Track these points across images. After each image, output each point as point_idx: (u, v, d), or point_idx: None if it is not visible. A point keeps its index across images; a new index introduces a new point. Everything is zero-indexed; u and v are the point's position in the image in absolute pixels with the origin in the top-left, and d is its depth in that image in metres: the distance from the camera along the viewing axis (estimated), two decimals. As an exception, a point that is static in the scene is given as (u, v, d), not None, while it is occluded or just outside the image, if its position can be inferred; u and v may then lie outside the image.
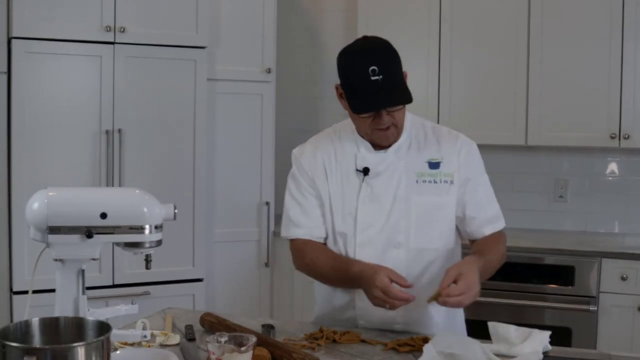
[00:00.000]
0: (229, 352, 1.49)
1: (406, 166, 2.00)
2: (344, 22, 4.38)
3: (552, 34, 3.69)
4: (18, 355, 1.27)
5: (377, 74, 1.83)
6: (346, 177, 2.03)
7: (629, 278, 3.36)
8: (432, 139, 2.04)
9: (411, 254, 1.99)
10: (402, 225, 1.98)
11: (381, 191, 1.99)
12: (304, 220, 2.07)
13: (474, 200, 2.02)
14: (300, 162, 2.10)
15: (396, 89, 1.87)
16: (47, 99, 3.31)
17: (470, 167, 2.04)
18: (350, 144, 2.04)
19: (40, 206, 1.59)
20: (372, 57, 1.85)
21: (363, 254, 1.98)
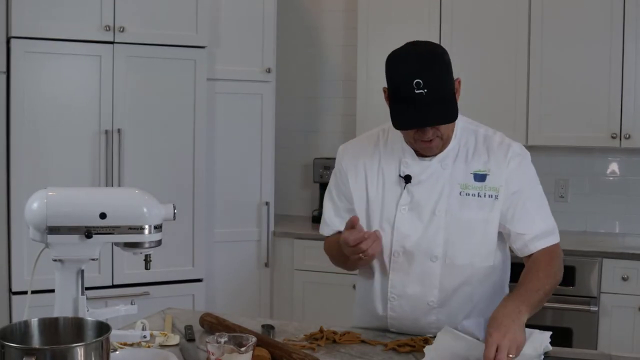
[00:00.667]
0: (229, 352, 1.49)
1: (451, 176, 1.91)
2: (344, 22, 4.38)
3: (553, 33, 3.69)
4: (17, 356, 1.26)
5: (421, 87, 1.74)
6: (388, 182, 1.96)
7: (630, 278, 3.36)
8: (482, 148, 1.94)
9: (447, 268, 1.92)
10: (440, 238, 1.91)
11: (422, 201, 1.91)
12: (336, 220, 2.05)
13: (520, 215, 1.91)
14: (340, 162, 2.04)
15: (440, 105, 1.77)
16: (46, 99, 3.30)
17: (519, 180, 1.93)
18: (396, 148, 1.97)
19: (40, 206, 1.59)
20: (418, 68, 1.76)
21: (397, 263, 1.94)
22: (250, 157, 3.83)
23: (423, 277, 1.91)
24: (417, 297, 1.93)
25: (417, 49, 1.84)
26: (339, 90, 4.43)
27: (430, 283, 1.91)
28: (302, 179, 4.52)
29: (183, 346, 1.83)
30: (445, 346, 1.70)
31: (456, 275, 1.92)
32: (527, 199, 1.93)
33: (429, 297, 1.93)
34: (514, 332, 1.63)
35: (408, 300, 1.94)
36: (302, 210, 4.49)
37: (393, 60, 1.84)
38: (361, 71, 4.02)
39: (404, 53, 1.84)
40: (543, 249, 1.94)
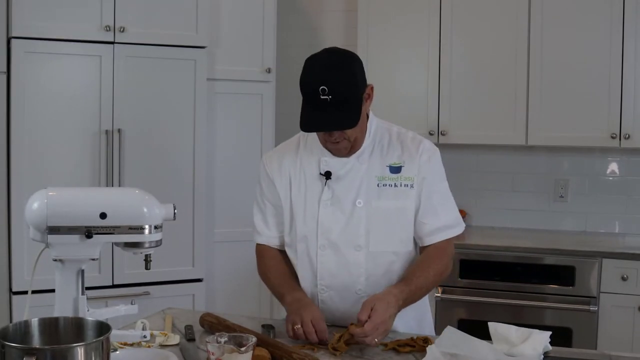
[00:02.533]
0: (229, 352, 1.49)
1: (368, 170, 2.03)
2: (344, 22, 4.38)
3: (553, 33, 3.69)
4: (18, 356, 1.26)
5: (326, 94, 1.83)
6: (310, 181, 2.06)
7: (630, 278, 3.36)
8: (396, 143, 2.06)
9: (371, 256, 2.02)
10: (362, 229, 2.01)
11: (342, 195, 2.02)
12: (264, 228, 2.15)
13: (427, 206, 2.03)
14: (265, 170, 2.15)
15: (343, 111, 1.86)
16: (46, 99, 3.30)
17: (428, 173, 2.04)
18: (315, 148, 2.07)
19: (40, 206, 1.59)
20: (324, 76, 1.85)
21: (324, 256, 2.03)
22: (250, 157, 3.83)
23: (349, 266, 2.02)
24: (345, 286, 2.03)
25: (329, 57, 1.92)
26: (339, 90, 4.42)
27: (357, 272, 2.02)
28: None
29: (183, 346, 1.83)
30: (448, 345, 1.71)
31: (380, 263, 2.03)
32: (434, 192, 2.05)
33: (357, 285, 2.03)
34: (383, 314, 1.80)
35: (337, 290, 2.04)
36: (302, 210, 4.48)
37: (305, 66, 1.92)
38: (361, 71, 4.01)
39: (315, 60, 1.92)
40: (437, 245, 2.05)
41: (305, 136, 2.13)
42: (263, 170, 2.16)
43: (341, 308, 2.04)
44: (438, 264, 2.02)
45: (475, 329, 1.92)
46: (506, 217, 4.11)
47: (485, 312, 3.47)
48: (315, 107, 1.86)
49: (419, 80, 3.94)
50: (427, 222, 2.03)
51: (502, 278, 3.54)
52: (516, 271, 3.52)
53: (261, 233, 2.16)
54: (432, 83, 3.91)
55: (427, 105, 3.91)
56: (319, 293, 2.05)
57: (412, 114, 3.90)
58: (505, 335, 1.79)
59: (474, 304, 3.54)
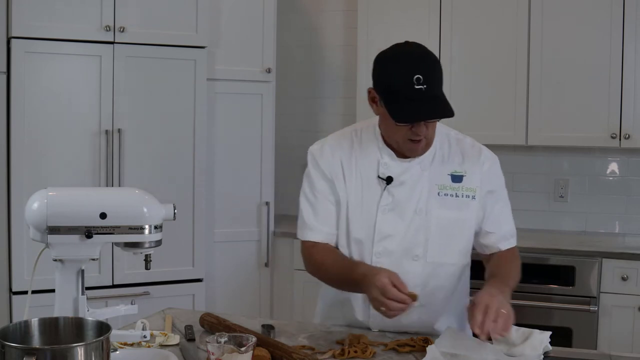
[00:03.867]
0: (229, 352, 1.49)
1: (429, 178, 1.95)
2: (344, 22, 4.38)
3: (552, 33, 3.69)
4: (18, 356, 1.26)
5: (421, 83, 1.76)
6: (366, 183, 1.96)
7: (630, 278, 3.36)
8: (456, 150, 1.99)
9: (428, 267, 1.95)
10: (421, 238, 1.94)
11: (402, 201, 1.94)
12: (317, 223, 2.01)
13: (493, 215, 1.99)
14: (317, 162, 2.03)
15: (440, 100, 1.80)
16: (46, 99, 3.30)
17: (492, 182, 2.00)
18: (372, 149, 1.97)
19: (40, 206, 1.59)
20: (418, 64, 1.78)
21: (379, 264, 1.93)
22: (250, 157, 3.83)
23: (405, 276, 1.90)
24: None
25: (414, 48, 1.86)
26: (339, 90, 4.43)
27: (413, 282, 1.92)
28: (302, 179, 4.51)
29: (183, 346, 1.83)
30: (448, 345, 1.71)
31: (437, 274, 1.97)
32: (497, 201, 2.01)
33: None
34: (500, 299, 1.73)
35: None
36: (302, 210, 4.48)
37: (391, 59, 1.85)
38: (361, 71, 4.01)
39: (399, 52, 1.85)
40: (509, 250, 2.03)
41: (359, 134, 2.02)
42: (313, 161, 2.03)
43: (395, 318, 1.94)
44: (513, 262, 1.99)
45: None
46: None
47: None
48: (410, 99, 1.77)
49: (419, 80, 3.94)
50: (492, 230, 1.99)
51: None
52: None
53: (313, 229, 2.01)
54: (432, 83, 3.90)
55: (427, 105, 3.91)
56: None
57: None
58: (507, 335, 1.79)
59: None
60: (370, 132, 2.00)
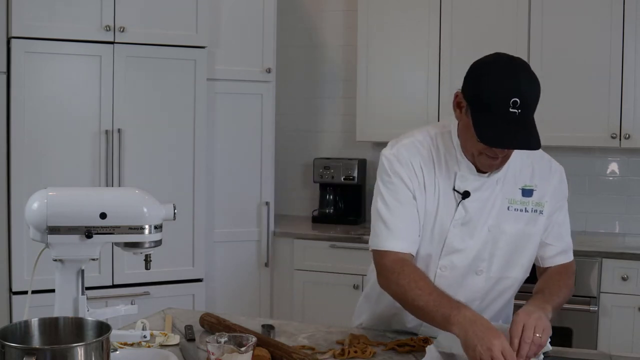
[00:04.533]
0: (229, 352, 1.49)
1: (501, 193, 1.88)
2: (344, 22, 4.38)
3: (552, 33, 3.69)
4: (18, 356, 1.26)
5: (517, 107, 1.64)
6: (443, 194, 1.86)
7: (630, 278, 3.36)
8: (527, 163, 1.91)
9: (490, 281, 1.92)
10: (486, 253, 1.89)
11: (475, 216, 1.86)
12: (404, 231, 1.85)
13: (555, 227, 1.94)
14: (396, 167, 1.87)
15: (530, 130, 1.68)
16: (46, 99, 3.30)
17: (560, 196, 1.95)
18: (450, 158, 1.86)
19: (40, 206, 1.59)
20: (520, 87, 1.66)
21: (442, 277, 1.88)
22: (250, 157, 3.83)
23: (466, 289, 1.89)
24: None
25: (516, 66, 1.72)
26: (339, 90, 4.43)
27: (472, 295, 1.89)
28: (302, 179, 4.52)
29: (183, 346, 1.83)
30: (447, 345, 1.70)
31: (497, 288, 1.94)
32: (561, 214, 1.97)
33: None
34: (539, 315, 1.65)
35: None
36: (302, 210, 4.49)
37: (488, 71, 1.72)
38: (361, 71, 4.02)
39: (502, 66, 1.71)
40: (565, 265, 1.98)
41: (435, 141, 1.89)
42: (392, 168, 1.87)
43: None
44: (566, 279, 1.93)
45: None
46: (506, 217, 4.10)
47: (485, 312, 3.47)
48: (499, 119, 1.66)
49: (419, 80, 3.94)
50: (553, 243, 1.94)
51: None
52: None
53: (399, 237, 1.84)
54: (432, 83, 3.90)
55: (427, 105, 3.91)
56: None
57: (412, 113, 3.89)
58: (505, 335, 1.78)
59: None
60: (447, 139, 1.88)
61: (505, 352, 1.56)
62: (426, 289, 1.75)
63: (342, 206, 4.27)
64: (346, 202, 4.26)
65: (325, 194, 4.29)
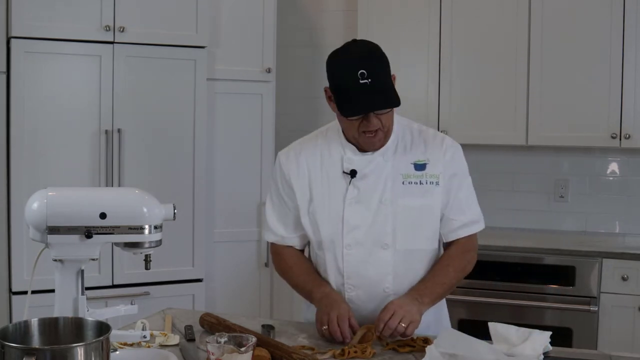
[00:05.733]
0: (229, 352, 1.49)
1: (392, 168, 2.01)
2: (344, 22, 4.38)
3: (553, 33, 3.69)
4: (17, 356, 1.26)
5: (365, 77, 1.84)
6: (332, 180, 2.03)
7: (630, 278, 3.36)
8: (419, 141, 2.05)
9: (398, 255, 2.01)
10: (388, 227, 2.00)
11: (368, 193, 2.00)
12: (279, 227, 2.12)
13: (455, 202, 2.05)
14: (281, 168, 2.10)
15: (385, 92, 1.88)
16: (46, 99, 3.30)
17: (455, 169, 2.06)
18: (336, 146, 2.05)
19: (40, 206, 1.59)
20: (361, 60, 1.87)
21: (351, 255, 2.01)
22: (250, 157, 3.83)
23: (376, 265, 2.01)
24: (372, 285, 2.02)
25: (358, 45, 1.95)
26: (339, 90, 4.42)
27: (384, 270, 2.01)
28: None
29: (183, 346, 1.83)
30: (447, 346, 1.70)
31: (407, 261, 2.02)
32: (460, 188, 2.07)
33: (384, 284, 2.02)
34: (410, 309, 1.85)
35: (364, 289, 2.03)
36: (302, 210, 4.48)
37: (336, 58, 1.93)
38: (361, 71, 4.01)
39: (346, 50, 1.94)
40: (460, 241, 2.07)
41: (324, 134, 2.11)
42: (279, 168, 2.11)
43: (369, 306, 2.02)
44: (458, 261, 2.05)
45: (475, 329, 1.92)
46: (506, 217, 4.11)
47: (485, 312, 3.47)
48: (356, 93, 1.85)
49: (419, 80, 3.94)
50: (454, 218, 2.05)
51: (502, 278, 3.54)
52: (516, 271, 3.52)
53: (276, 232, 2.13)
54: (432, 83, 3.91)
55: (427, 105, 3.91)
56: (346, 292, 2.03)
57: (412, 113, 3.87)
58: (505, 335, 1.79)
59: (474, 304, 3.54)
60: (334, 130, 2.07)
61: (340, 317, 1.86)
62: (297, 271, 2.10)
63: (342, 206, 4.26)
64: (346, 202, 4.26)
65: (325, 194, 4.28)
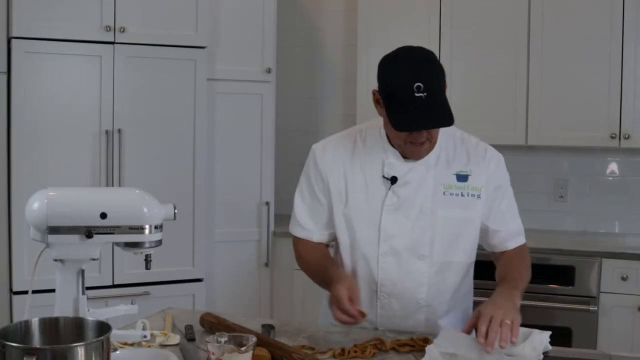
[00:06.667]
0: (229, 352, 1.49)
1: (434, 178, 1.95)
2: (344, 22, 4.38)
3: (552, 33, 3.69)
4: (18, 355, 1.26)
5: (421, 91, 1.74)
6: (371, 183, 1.97)
7: (630, 278, 3.36)
8: (461, 150, 1.99)
9: (434, 266, 1.97)
10: (426, 238, 1.95)
11: (407, 201, 1.94)
12: (309, 222, 2.07)
13: (499, 213, 2.00)
14: (317, 161, 2.03)
15: (439, 109, 1.78)
16: (47, 99, 3.30)
17: (498, 180, 2.01)
18: (377, 149, 1.98)
19: (40, 206, 1.59)
20: (419, 72, 1.77)
21: (386, 263, 1.97)
22: (250, 157, 3.83)
23: (412, 275, 1.96)
24: (407, 295, 1.97)
25: (416, 54, 1.85)
26: (339, 90, 4.43)
27: (419, 281, 1.97)
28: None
29: (183, 346, 1.83)
30: (447, 345, 1.71)
31: (442, 272, 1.98)
32: (504, 199, 2.02)
33: (419, 294, 1.98)
34: (507, 307, 1.73)
35: (398, 298, 1.99)
36: (302, 210, 4.48)
37: (392, 64, 1.84)
38: (361, 71, 4.01)
39: (401, 57, 1.84)
40: (516, 247, 2.05)
41: (362, 134, 2.02)
42: (313, 161, 2.04)
43: (400, 314, 2.00)
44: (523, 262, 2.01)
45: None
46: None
47: (485, 312, 3.47)
48: (409, 107, 1.76)
49: (419, 80, 3.94)
50: (500, 229, 2.01)
51: (502, 278, 3.53)
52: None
53: (305, 227, 2.08)
54: (432, 83, 3.90)
55: (427, 105, 3.91)
56: (379, 299, 2.00)
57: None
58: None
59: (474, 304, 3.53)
60: (375, 132, 2.00)
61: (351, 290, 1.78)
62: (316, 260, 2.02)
63: (342, 206, 4.26)
64: (346, 202, 4.26)
65: (325, 194, 4.28)
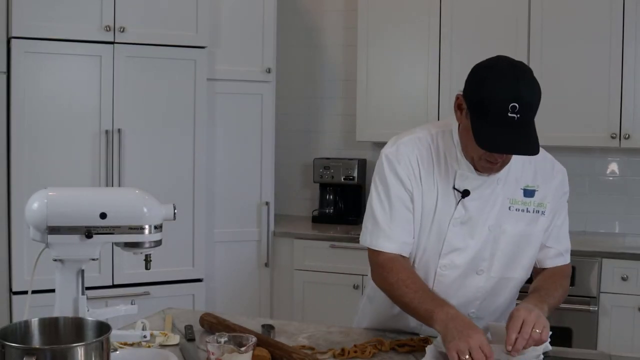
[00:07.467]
0: (229, 352, 1.49)
1: (502, 192, 1.88)
2: (344, 22, 4.38)
3: (553, 33, 3.69)
4: (18, 356, 1.26)
5: (516, 112, 1.63)
6: (442, 193, 1.87)
7: (630, 278, 3.36)
8: (528, 163, 1.89)
9: (491, 281, 1.92)
10: (487, 253, 1.89)
11: (475, 215, 1.86)
12: (402, 234, 1.88)
13: (554, 229, 1.95)
14: (394, 167, 1.88)
15: (529, 135, 1.67)
16: (46, 99, 3.30)
17: (560, 197, 1.95)
18: (450, 157, 1.87)
19: (40, 206, 1.59)
20: (518, 92, 1.64)
21: (444, 277, 1.90)
22: (250, 157, 3.83)
23: (467, 289, 1.90)
24: (459, 307, 1.84)
25: (517, 71, 1.70)
26: (339, 90, 4.43)
27: (474, 295, 1.92)
28: (302, 179, 4.52)
29: (183, 346, 1.83)
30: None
31: (498, 287, 1.94)
32: (560, 216, 1.96)
33: (471, 308, 1.93)
34: (539, 313, 1.68)
35: None
36: (302, 210, 4.49)
37: (488, 75, 1.70)
38: (361, 71, 4.02)
39: (502, 71, 1.70)
40: (561, 267, 1.98)
41: (435, 139, 1.89)
42: (390, 165, 1.88)
43: None
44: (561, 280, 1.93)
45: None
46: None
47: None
48: (499, 124, 1.65)
49: (419, 80, 3.94)
50: (553, 246, 1.95)
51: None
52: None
53: (397, 240, 1.87)
54: (432, 83, 3.90)
55: (427, 105, 3.91)
56: None
57: (412, 113, 3.90)
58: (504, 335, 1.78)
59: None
60: (448, 138, 1.88)
61: (482, 346, 1.59)
62: (412, 287, 1.81)
63: (342, 206, 4.27)
64: (346, 202, 4.26)
65: (325, 194, 4.29)
